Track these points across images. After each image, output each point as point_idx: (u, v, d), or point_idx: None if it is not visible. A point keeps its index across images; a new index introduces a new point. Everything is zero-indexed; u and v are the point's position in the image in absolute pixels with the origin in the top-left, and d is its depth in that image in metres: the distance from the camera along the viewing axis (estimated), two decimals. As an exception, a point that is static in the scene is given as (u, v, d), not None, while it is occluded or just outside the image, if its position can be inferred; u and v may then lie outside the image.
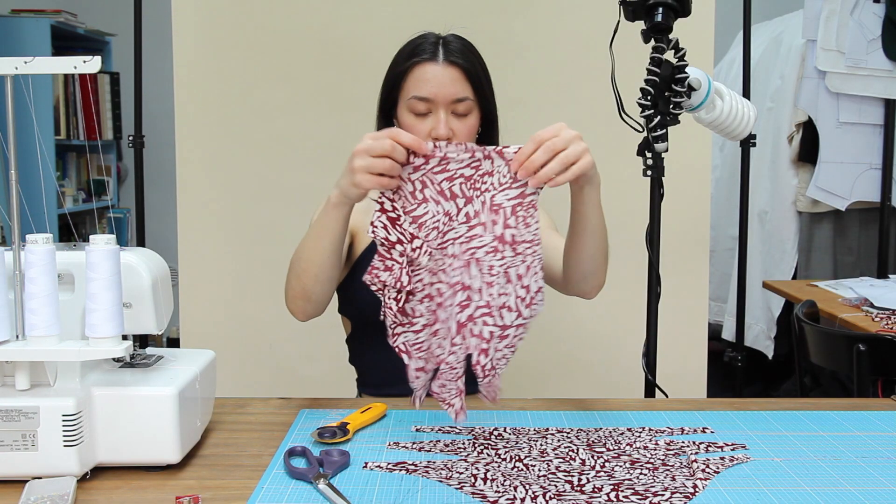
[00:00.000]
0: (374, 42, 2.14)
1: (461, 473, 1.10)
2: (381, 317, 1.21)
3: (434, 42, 1.50)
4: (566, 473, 1.10)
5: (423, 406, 1.25)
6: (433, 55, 1.48)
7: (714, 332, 3.58)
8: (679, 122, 1.46)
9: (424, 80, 1.47)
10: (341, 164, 1.69)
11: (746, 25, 2.63)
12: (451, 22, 1.57)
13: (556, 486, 1.06)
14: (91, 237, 1.05)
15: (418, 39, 1.53)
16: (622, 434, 1.25)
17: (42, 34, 3.69)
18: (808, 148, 3.32)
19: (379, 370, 1.60)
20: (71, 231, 3.96)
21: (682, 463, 1.14)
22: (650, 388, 1.50)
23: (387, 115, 1.57)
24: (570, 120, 2.14)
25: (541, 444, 1.20)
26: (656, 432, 1.27)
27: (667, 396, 1.47)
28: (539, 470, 1.11)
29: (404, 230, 1.18)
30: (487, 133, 1.57)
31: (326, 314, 1.52)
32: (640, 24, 1.46)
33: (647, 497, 1.03)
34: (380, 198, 1.19)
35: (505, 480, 1.07)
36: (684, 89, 1.44)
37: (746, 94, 2.56)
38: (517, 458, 1.15)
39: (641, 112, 1.45)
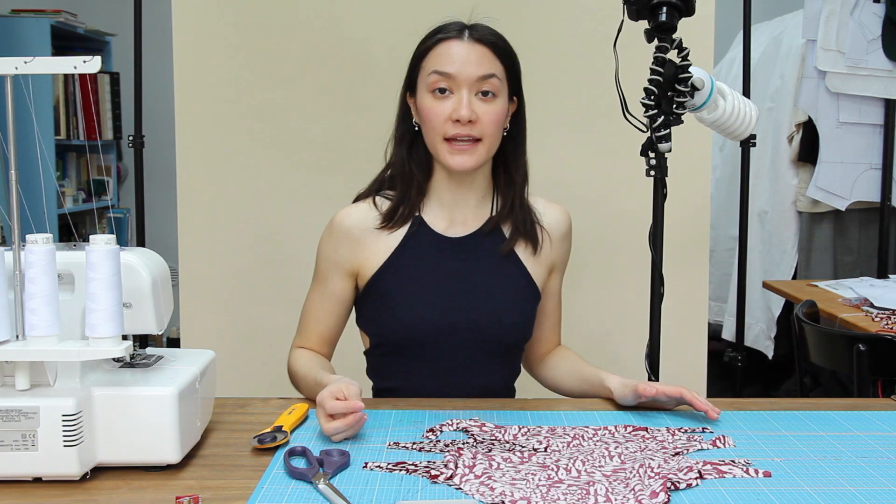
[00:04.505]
0: (375, 42, 2.13)
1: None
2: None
3: (461, 25, 1.45)
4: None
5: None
6: (459, 33, 1.43)
7: (714, 332, 3.58)
8: (682, 122, 1.46)
9: (447, 55, 1.41)
10: (342, 164, 1.70)
11: (746, 25, 2.63)
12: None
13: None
14: (91, 237, 1.04)
15: (446, 22, 1.46)
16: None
17: (42, 34, 3.68)
18: (808, 148, 3.31)
19: (396, 388, 1.52)
20: (71, 231, 3.95)
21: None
22: (651, 388, 1.49)
23: (405, 102, 1.50)
24: (573, 120, 2.16)
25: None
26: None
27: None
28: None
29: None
30: (515, 127, 1.49)
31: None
32: (644, 24, 1.45)
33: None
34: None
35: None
36: (688, 89, 1.43)
37: (746, 93, 2.56)
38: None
39: (645, 112, 1.45)
